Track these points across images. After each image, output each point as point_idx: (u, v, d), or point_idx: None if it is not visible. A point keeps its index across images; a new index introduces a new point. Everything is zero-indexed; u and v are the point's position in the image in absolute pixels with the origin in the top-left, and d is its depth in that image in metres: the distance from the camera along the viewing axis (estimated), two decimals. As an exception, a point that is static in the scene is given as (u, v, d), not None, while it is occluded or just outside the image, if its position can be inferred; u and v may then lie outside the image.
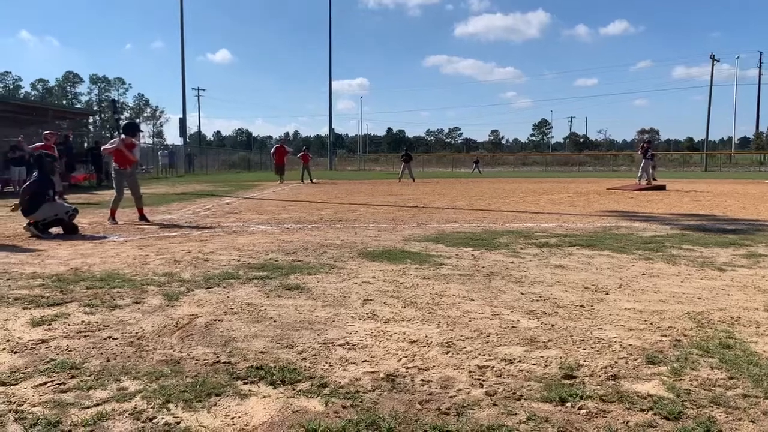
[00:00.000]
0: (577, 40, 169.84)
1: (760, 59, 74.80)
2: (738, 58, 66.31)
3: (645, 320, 3.69)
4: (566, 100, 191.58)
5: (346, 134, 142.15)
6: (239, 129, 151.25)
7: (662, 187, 20.04)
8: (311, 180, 26.53)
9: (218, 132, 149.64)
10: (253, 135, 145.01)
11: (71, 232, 7.92)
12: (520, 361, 2.95)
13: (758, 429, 2.21)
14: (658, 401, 2.44)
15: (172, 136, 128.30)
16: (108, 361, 2.93)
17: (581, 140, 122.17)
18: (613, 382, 2.67)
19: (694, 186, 22.02)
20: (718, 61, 63.16)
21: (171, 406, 2.40)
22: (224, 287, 4.58)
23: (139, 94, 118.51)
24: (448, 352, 3.08)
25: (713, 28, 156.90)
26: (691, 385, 2.63)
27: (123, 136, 9.81)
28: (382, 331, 3.46)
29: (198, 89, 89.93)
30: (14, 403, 2.43)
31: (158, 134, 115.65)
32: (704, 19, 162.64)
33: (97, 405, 2.41)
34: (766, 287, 4.61)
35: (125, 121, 10.45)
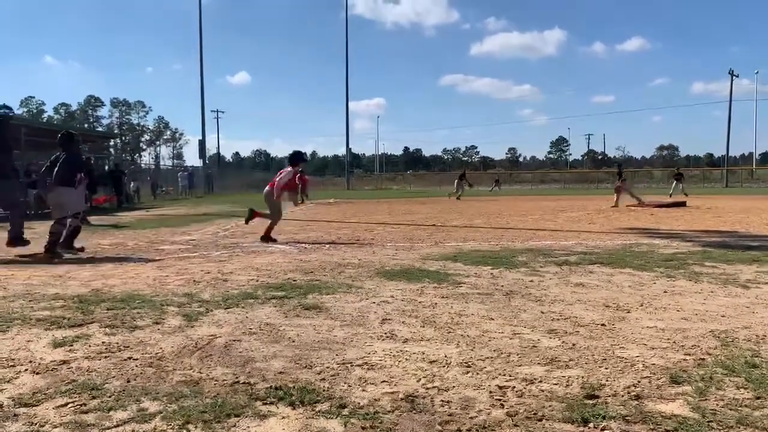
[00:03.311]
0: (593, 57, 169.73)
1: (780, 74, 74.03)
2: (757, 73, 65.81)
3: (668, 339, 3.63)
4: (584, 117, 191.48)
5: (363, 154, 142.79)
6: (257, 150, 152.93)
7: (683, 204, 19.82)
8: (303, 200, 23.63)
9: (237, 153, 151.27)
10: (271, 155, 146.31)
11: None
12: (541, 381, 2.91)
13: (788, 451, 2.15)
14: (683, 422, 2.39)
15: (191, 158, 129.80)
16: (128, 381, 2.94)
17: (599, 157, 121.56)
18: (636, 402, 2.62)
19: (715, 202, 21.75)
20: (737, 76, 62.81)
21: (191, 427, 2.40)
22: (243, 307, 4.59)
23: (159, 116, 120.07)
24: (467, 372, 3.06)
25: (732, 43, 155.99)
26: (717, 405, 2.58)
27: (289, 168, 10.07)
28: (401, 350, 3.44)
29: (217, 111, 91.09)
30: (36, 423, 2.44)
31: (178, 156, 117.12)
32: (722, 34, 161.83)
33: (117, 426, 2.42)
34: (793, 304, 4.52)
35: (291, 152, 10.85)
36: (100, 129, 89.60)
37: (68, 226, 8.12)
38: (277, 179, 9.78)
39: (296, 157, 10.51)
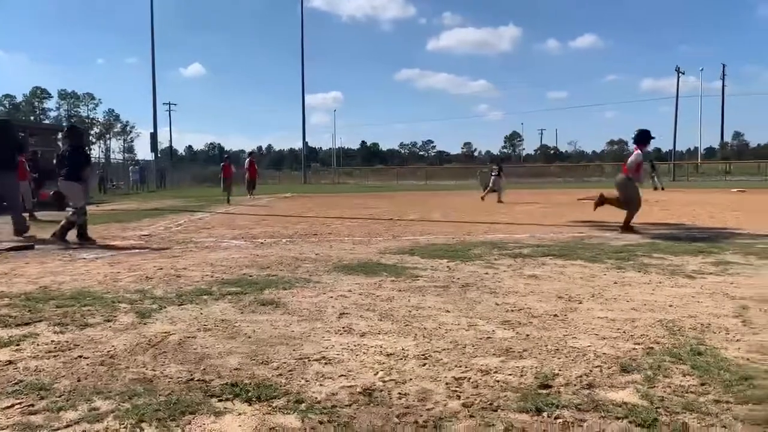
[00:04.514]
0: (547, 53, 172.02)
1: (723, 72, 77.01)
2: (702, 70, 68.19)
3: (618, 329, 3.73)
4: (537, 112, 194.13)
5: (320, 147, 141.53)
6: (211, 143, 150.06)
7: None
8: (228, 200, 21.14)
9: (190, 146, 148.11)
10: (225, 149, 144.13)
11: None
12: (496, 372, 2.96)
13: (730, 434, 2.24)
14: (633, 409, 2.47)
15: (143, 152, 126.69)
16: (79, 380, 2.87)
17: (552, 152, 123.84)
18: (588, 391, 2.69)
19: (662, 196, 22.42)
20: (684, 73, 64.91)
21: (144, 425, 2.36)
22: (197, 304, 4.52)
23: (109, 109, 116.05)
24: (424, 365, 3.08)
25: (680, 42, 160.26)
26: (665, 392, 2.67)
27: (637, 150, 9.48)
28: (359, 344, 3.44)
29: (169, 104, 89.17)
30: (-19, 426, 2.36)
31: (129, 150, 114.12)
32: (671, 33, 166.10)
33: (67, 426, 2.36)
34: (735, 294, 4.70)
35: (639, 130, 9.81)
36: (47, 122, 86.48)
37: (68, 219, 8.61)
38: (628, 163, 9.41)
39: (644, 136, 9.74)
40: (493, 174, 19.83)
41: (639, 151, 9.55)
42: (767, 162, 54.82)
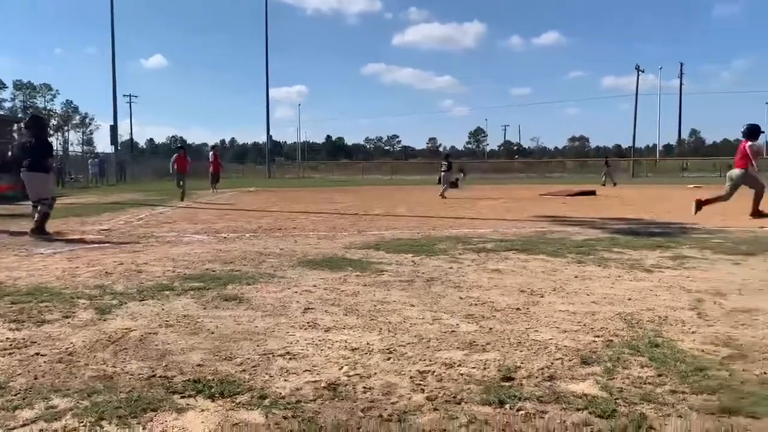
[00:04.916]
0: (511, 50, 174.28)
1: (681, 70, 78.68)
2: (661, 68, 69.45)
3: (579, 322, 3.81)
4: (501, 108, 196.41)
5: (284, 141, 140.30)
6: (173, 136, 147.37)
7: (592, 192, 20.76)
8: (183, 196, 18.56)
9: (151, 139, 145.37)
10: (187, 142, 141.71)
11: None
12: (460, 365, 2.99)
13: (685, 423, 2.31)
14: (593, 400, 2.52)
15: (103, 144, 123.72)
16: (36, 378, 2.80)
17: (515, 148, 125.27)
18: (549, 383, 2.74)
19: (622, 191, 22.90)
20: (643, 71, 66.28)
21: (104, 423, 2.31)
22: (159, 299, 4.45)
23: (67, 100, 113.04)
24: (389, 359, 3.10)
25: (640, 40, 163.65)
26: (623, 383, 2.73)
27: (748, 142, 9.92)
28: (324, 339, 3.44)
29: (130, 96, 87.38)
30: (-69, 427, 2.28)
31: (88, 142, 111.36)
32: (632, 31, 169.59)
33: (24, 425, 2.30)
34: (691, 287, 4.84)
35: None
36: (2, 113, 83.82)
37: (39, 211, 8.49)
38: (742, 157, 9.83)
39: (753, 131, 10.07)
40: (442, 170, 20.02)
41: (750, 143, 10.16)
42: (724, 159, 56.45)
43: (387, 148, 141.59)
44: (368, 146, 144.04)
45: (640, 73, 64.06)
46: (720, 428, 2.26)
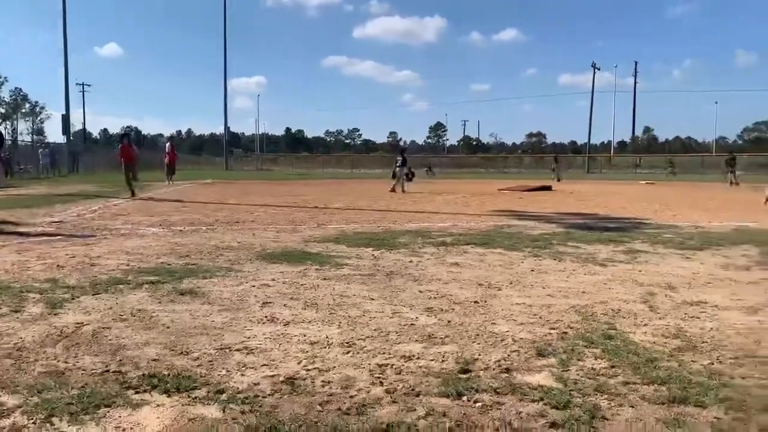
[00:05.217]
0: (471, 46, 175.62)
1: (636, 68, 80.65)
2: (617, 67, 71.30)
3: (535, 314, 3.88)
4: (461, 104, 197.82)
5: (243, 133, 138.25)
6: (128, 126, 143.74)
7: (548, 188, 21.14)
8: (132, 191, 16.23)
9: (105, 130, 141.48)
10: (142, 133, 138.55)
11: None
12: (418, 358, 3.01)
13: (637, 413, 2.37)
14: (548, 391, 2.57)
15: (54, 134, 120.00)
16: (-19, 376, 2.70)
17: (474, 143, 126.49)
18: (506, 375, 2.78)
19: (577, 187, 23.37)
20: (599, 69, 67.83)
21: (55, 420, 2.25)
22: (113, 293, 4.34)
23: (16, 88, 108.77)
24: (348, 352, 3.10)
25: (597, 38, 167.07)
26: (578, 375, 2.79)
27: None
28: (282, 333, 3.41)
29: (83, 84, 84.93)
30: None
31: (39, 132, 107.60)
32: (589, 29, 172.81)
33: (-32, 424, 2.22)
34: (643, 281, 4.97)
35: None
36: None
37: None
38: None
39: None
40: (397, 165, 20.05)
41: None
42: (677, 156, 58.11)
43: (348, 141, 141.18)
44: (329, 139, 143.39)
45: (596, 70, 65.41)
46: (669, 417, 2.33)
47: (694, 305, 4.15)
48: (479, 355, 3.07)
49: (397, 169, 19.88)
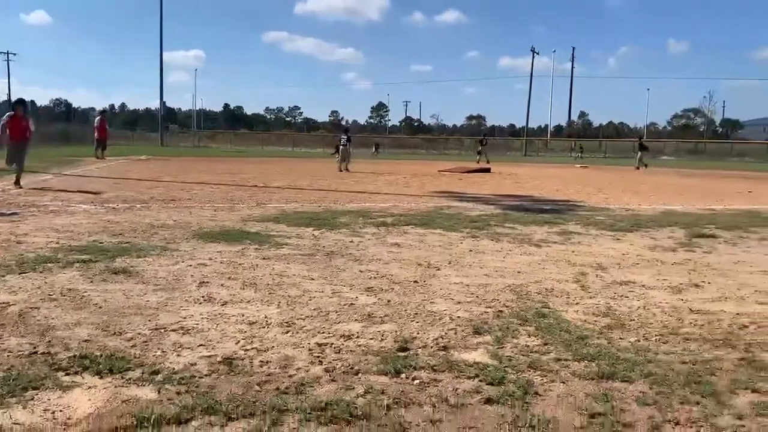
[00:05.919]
0: (414, 26, 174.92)
1: (573, 54, 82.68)
2: (554, 52, 72.71)
3: (472, 293, 3.96)
4: (403, 84, 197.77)
5: (179, 108, 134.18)
6: (57, 99, 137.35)
7: (487, 170, 21.51)
8: (18, 181, 11.11)
9: (33, 102, 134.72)
10: (73, 106, 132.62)
11: None
12: (358, 337, 3.03)
13: (568, 389, 2.47)
14: (484, 368, 2.64)
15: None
16: None
17: (416, 124, 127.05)
18: (443, 353, 2.84)
19: (515, 170, 23.85)
20: (538, 53, 69.03)
21: (-23, 405, 2.16)
22: (41, 272, 4.17)
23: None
24: (287, 332, 3.09)
25: (536, 23, 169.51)
26: (512, 352, 2.88)
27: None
28: (220, 313, 3.37)
29: (8, 53, 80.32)
30: None
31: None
32: (529, 13, 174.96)
33: None
34: (576, 261, 5.15)
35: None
36: None
37: None
38: None
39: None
40: (341, 144, 19.98)
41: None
42: (611, 141, 60.09)
43: (288, 119, 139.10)
44: (269, 117, 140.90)
45: (535, 55, 66.53)
46: (598, 392, 2.43)
47: (623, 285, 4.33)
48: (417, 333, 3.11)
49: (341, 147, 19.77)
